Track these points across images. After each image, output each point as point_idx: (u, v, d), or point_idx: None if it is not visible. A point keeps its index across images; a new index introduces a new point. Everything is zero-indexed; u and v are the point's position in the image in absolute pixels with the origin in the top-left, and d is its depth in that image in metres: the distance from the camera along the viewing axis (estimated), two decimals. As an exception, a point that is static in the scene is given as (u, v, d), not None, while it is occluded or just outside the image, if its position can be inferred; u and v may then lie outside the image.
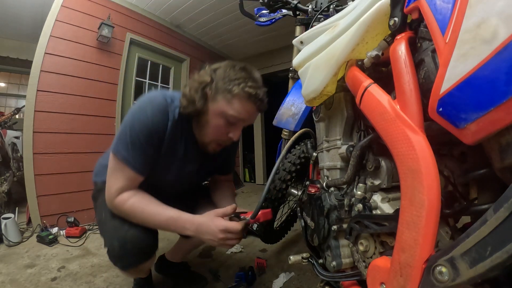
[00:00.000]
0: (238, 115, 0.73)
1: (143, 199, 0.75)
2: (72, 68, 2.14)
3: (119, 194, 0.73)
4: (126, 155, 0.72)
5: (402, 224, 0.37)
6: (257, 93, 0.73)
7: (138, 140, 0.71)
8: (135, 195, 0.75)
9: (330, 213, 0.61)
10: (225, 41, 3.64)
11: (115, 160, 0.74)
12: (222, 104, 0.73)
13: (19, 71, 4.05)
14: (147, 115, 0.72)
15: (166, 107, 0.75)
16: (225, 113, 0.73)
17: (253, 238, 1.70)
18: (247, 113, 0.75)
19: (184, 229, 0.73)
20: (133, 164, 0.73)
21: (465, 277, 0.28)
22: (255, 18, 1.35)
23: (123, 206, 0.73)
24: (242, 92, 0.71)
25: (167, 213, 0.74)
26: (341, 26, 0.55)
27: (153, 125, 0.72)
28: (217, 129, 0.76)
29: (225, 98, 0.73)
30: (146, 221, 0.74)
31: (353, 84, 0.52)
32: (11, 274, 1.28)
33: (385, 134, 0.42)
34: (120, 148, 0.72)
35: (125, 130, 0.72)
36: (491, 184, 0.38)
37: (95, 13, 2.31)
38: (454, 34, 0.31)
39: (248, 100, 0.72)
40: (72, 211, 2.05)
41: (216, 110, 0.74)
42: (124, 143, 0.72)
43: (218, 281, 1.19)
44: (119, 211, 0.75)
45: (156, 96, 0.76)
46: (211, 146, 0.81)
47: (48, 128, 1.99)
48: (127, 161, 0.72)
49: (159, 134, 0.74)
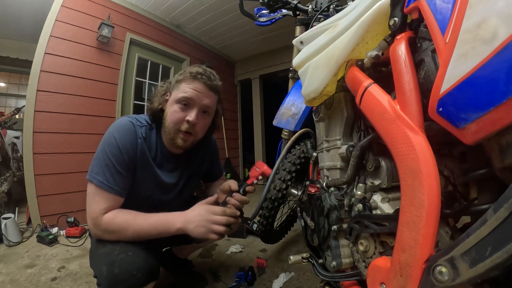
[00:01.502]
0: (186, 94, 0.78)
1: (130, 212, 0.75)
2: (72, 68, 2.14)
3: (105, 214, 0.73)
4: (103, 179, 0.73)
5: (402, 224, 0.37)
6: (199, 71, 0.79)
7: (111, 162, 0.74)
8: (122, 211, 0.75)
9: (330, 213, 0.61)
10: (225, 41, 3.64)
11: (92, 186, 0.74)
12: (173, 94, 0.81)
13: (19, 71, 4.05)
14: (114, 138, 0.76)
15: (132, 127, 0.79)
16: (176, 98, 0.79)
17: (253, 238, 1.70)
18: (195, 90, 0.78)
19: (174, 222, 0.72)
20: (111, 187, 0.74)
21: (465, 277, 0.28)
22: (255, 18, 1.35)
23: (114, 221, 0.72)
24: (186, 75, 0.79)
25: (156, 216, 0.74)
26: (341, 26, 0.55)
27: (122, 146, 0.76)
28: (174, 116, 0.79)
29: (175, 88, 0.81)
30: (138, 230, 0.72)
31: (353, 84, 0.52)
32: (11, 274, 1.28)
33: (385, 134, 0.42)
34: (95, 175, 0.74)
35: (97, 156, 0.76)
36: (491, 184, 0.38)
37: (95, 13, 2.31)
38: (454, 34, 0.31)
39: (193, 79, 0.79)
40: (72, 211, 2.05)
41: (170, 101, 0.82)
42: (99, 168, 0.74)
43: (218, 281, 1.19)
44: (109, 230, 0.72)
45: (121, 120, 0.81)
46: (177, 138, 0.81)
47: (48, 128, 1.99)
48: (104, 184, 0.73)
49: (129, 153, 0.77)
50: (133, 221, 0.72)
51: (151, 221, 0.73)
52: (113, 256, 0.68)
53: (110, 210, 0.74)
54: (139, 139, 0.80)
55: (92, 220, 0.73)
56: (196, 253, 1.47)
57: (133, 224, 0.72)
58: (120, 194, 0.76)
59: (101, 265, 0.68)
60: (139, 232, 0.72)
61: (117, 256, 0.68)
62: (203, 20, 3.07)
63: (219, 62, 4.00)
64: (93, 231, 0.75)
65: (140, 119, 0.85)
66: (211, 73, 0.82)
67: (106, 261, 0.68)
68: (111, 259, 0.68)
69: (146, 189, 0.85)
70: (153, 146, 0.85)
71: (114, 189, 0.74)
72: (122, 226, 0.72)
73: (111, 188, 0.74)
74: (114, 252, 0.69)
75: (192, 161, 0.96)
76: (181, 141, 0.81)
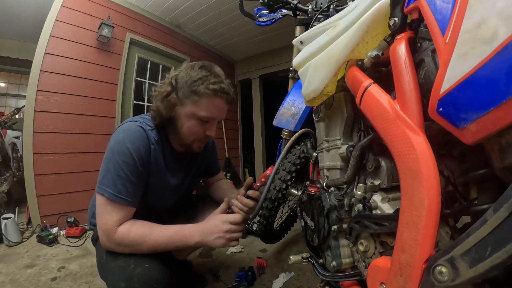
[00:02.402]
0: (209, 114, 0.76)
1: (145, 223, 0.73)
2: (72, 68, 2.14)
3: (119, 226, 0.69)
4: (115, 191, 0.69)
5: (402, 224, 0.36)
6: (221, 87, 0.75)
7: (124, 173, 0.70)
8: (136, 223, 0.72)
9: (330, 213, 0.61)
10: (225, 41, 3.64)
11: (103, 199, 0.70)
12: (191, 107, 0.76)
13: (19, 71, 4.05)
14: (127, 147, 0.71)
15: (143, 133, 0.75)
16: (196, 114, 0.75)
17: (253, 238, 1.70)
18: (217, 109, 0.77)
19: (191, 237, 0.72)
20: (124, 198, 0.70)
21: (465, 277, 0.28)
22: (255, 18, 1.35)
23: (129, 236, 0.69)
24: (207, 90, 0.73)
25: (171, 229, 0.73)
26: (341, 26, 0.55)
27: (137, 154, 0.72)
28: (193, 130, 0.78)
29: (193, 101, 0.75)
30: (154, 245, 0.70)
31: (353, 84, 0.52)
32: (11, 274, 1.28)
33: (385, 134, 0.42)
34: (106, 187, 0.69)
35: (107, 168, 0.71)
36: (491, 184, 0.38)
37: (95, 13, 2.31)
38: (454, 34, 0.31)
39: (214, 96, 0.75)
40: (72, 211, 2.05)
41: (188, 113, 0.76)
42: (110, 181, 0.69)
43: (218, 281, 1.19)
44: (123, 244, 0.69)
45: (130, 126, 0.75)
46: (195, 145, 0.83)
47: (48, 128, 1.99)
48: (117, 197, 0.69)
49: (143, 161, 0.73)
50: (149, 236, 0.69)
51: (168, 236, 0.71)
52: (130, 271, 0.66)
53: (124, 221, 0.70)
54: (152, 145, 0.76)
55: (104, 232, 0.69)
56: (196, 253, 1.47)
57: (149, 240, 0.69)
58: (133, 205, 0.73)
59: (118, 281, 0.65)
60: (155, 247, 0.70)
61: (134, 270, 0.66)
62: (203, 20, 3.07)
63: (219, 62, 4.01)
64: (105, 244, 0.71)
65: (147, 121, 0.80)
66: (228, 85, 0.79)
67: (124, 276, 0.65)
68: (129, 275, 0.65)
69: (155, 195, 0.83)
70: (164, 147, 0.82)
71: (127, 200, 0.70)
72: (137, 242, 0.69)
73: (124, 199, 0.70)
74: (129, 266, 0.67)
75: (194, 159, 0.96)
76: (197, 148, 0.83)
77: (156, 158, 0.78)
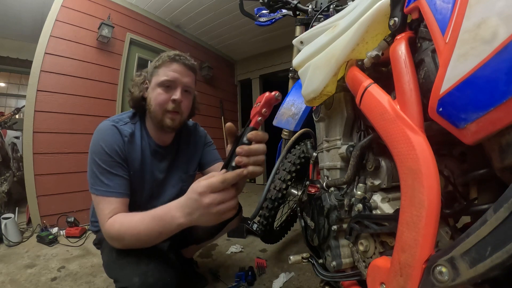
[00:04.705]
0: (168, 77, 0.81)
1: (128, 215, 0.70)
2: (72, 68, 2.14)
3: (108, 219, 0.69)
4: (101, 187, 0.73)
5: (402, 224, 0.36)
6: (177, 54, 0.84)
7: (103, 169, 0.74)
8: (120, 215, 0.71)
9: (330, 213, 0.61)
10: (225, 41, 3.65)
11: (95, 197, 0.74)
12: (154, 79, 0.83)
13: (19, 71, 4.05)
14: (100, 145, 0.76)
15: (114, 129, 0.80)
16: (158, 82, 0.82)
17: (253, 238, 1.70)
18: (175, 71, 0.82)
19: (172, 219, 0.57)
20: (110, 191, 0.73)
21: (465, 277, 0.28)
22: (255, 18, 1.35)
23: (113, 228, 0.67)
24: (164, 59, 0.83)
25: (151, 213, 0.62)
26: (341, 26, 0.55)
27: (109, 149, 0.76)
28: (159, 99, 0.81)
29: (155, 74, 0.84)
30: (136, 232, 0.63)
31: (353, 84, 0.52)
32: (11, 274, 1.28)
33: (385, 134, 0.42)
34: (93, 185, 0.74)
35: (90, 168, 0.76)
36: (491, 184, 0.38)
37: (95, 13, 2.31)
38: (454, 34, 0.31)
39: (171, 61, 0.82)
40: (72, 211, 2.05)
41: (153, 86, 0.84)
42: (95, 179, 0.74)
43: (218, 281, 1.19)
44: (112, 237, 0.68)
45: (102, 125, 0.81)
46: (166, 119, 0.83)
47: (48, 128, 1.99)
48: (103, 191, 0.73)
49: (118, 155, 0.78)
50: (129, 225, 0.64)
51: (146, 222, 0.61)
52: (143, 266, 0.67)
53: (115, 213, 0.71)
54: (125, 137, 0.81)
55: (102, 228, 0.70)
56: (196, 253, 1.47)
57: (131, 230, 0.64)
58: (121, 195, 0.75)
59: (132, 277, 0.65)
60: (139, 237, 0.63)
61: (147, 265, 0.67)
62: (203, 20, 3.07)
63: (219, 62, 4.00)
64: (108, 241, 0.71)
65: (121, 117, 0.86)
66: (188, 56, 0.87)
67: (137, 271, 0.66)
68: (143, 270, 0.66)
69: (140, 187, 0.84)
70: (139, 140, 0.86)
71: (113, 192, 0.73)
72: (121, 232, 0.65)
73: (110, 192, 0.73)
74: (142, 261, 0.68)
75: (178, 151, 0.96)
76: (169, 120, 0.83)
77: (131, 150, 0.82)
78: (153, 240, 0.64)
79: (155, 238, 0.62)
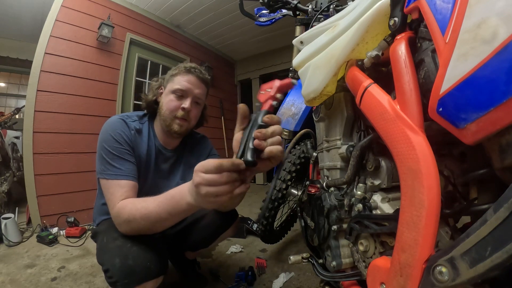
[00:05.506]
0: (181, 86, 0.87)
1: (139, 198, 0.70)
2: (72, 68, 2.14)
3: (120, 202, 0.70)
4: (111, 171, 0.77)
5: (402, 224, 0.36)
6: (193, 66, 0.91)
7: (113, 155, 0.79)
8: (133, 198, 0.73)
9: (330, 213, 0.61)
10: (225, 41, 3.64)
11: (104, 181, 0.77)
12: (169, 86, 0.90)
13: (19, 71, 4.05)
14: (109, 133, 0.82)
15: (123, 122, 0.86)
16: (171, 89, 0.88)
17: (253, 238, 1.70)
18: (188, 82, 0.88)
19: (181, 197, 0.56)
20: (119, 174, 0.77)
21: (465, 277, 0.28)
22: (255, 18, 1.35)
23: (125, 209, 0.68)
24: (180, 69, 0.90)
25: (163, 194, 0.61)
26: (341, 26, 0.55)
27: (117, 137, 0.82)
28: (170, 105, 0.88)
29: (170, 81, 0.91)
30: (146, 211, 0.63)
31: (353, 84, 0.52)
32: (11, 274, 1.28)
33: (385, 134, 0.42)
34: (105, 170, 0.77)
35: (99, 155, 0.80)
36: (491, 184, 0.38)
37: (95, 13, 2.31)
38: (454, 34, 0.31)
39: (186, 73, 0.89)
40: (72, 211, 2.05)
41: (166, 92, 0.90)
42: (106, 163, 0.78)
43: (218, 281, 1.19)
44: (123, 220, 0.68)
45: (111, 119, 0.87)
46: (174, 124, 0.89)
47: (48, 128, 1.99)
48: (113, 175, 0.76)
49: (126, 142, 0.83)
50: (141, 204, 0.65)
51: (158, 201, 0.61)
52: (126, 249, 0.69)
53: (127, 196, 0.73)
54: (132, 130, 0.87)
55: (112, 212, 0.72)
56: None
57: (141, 209, 0.64)
58: (133, 179, 0.78)
59: (114, 258, 0.68)
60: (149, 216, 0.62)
61: (130, 249, 0.69)
62: (203, 20, 3.07)
63: (219, 62, 4.00)
64: (116, 224, 0.71)
65: (130, 115, 0.92)
66: (203, 69, 0.94)
67: (119, 253, 0.68)
68: (125, 252, 0.68)
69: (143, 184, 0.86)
70: (146, 138, 0.91)
71: (125, 175, 0.77)
72: (131, 212, 0.66)
73: (122, 175, 0.76)
74: (126, 245, 0.70)
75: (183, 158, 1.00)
76: (177, 126, 0.89)
77: (137, 143, 0.87)
78: (162, 222, 0.62)
79: (165, 219, 0.61)
